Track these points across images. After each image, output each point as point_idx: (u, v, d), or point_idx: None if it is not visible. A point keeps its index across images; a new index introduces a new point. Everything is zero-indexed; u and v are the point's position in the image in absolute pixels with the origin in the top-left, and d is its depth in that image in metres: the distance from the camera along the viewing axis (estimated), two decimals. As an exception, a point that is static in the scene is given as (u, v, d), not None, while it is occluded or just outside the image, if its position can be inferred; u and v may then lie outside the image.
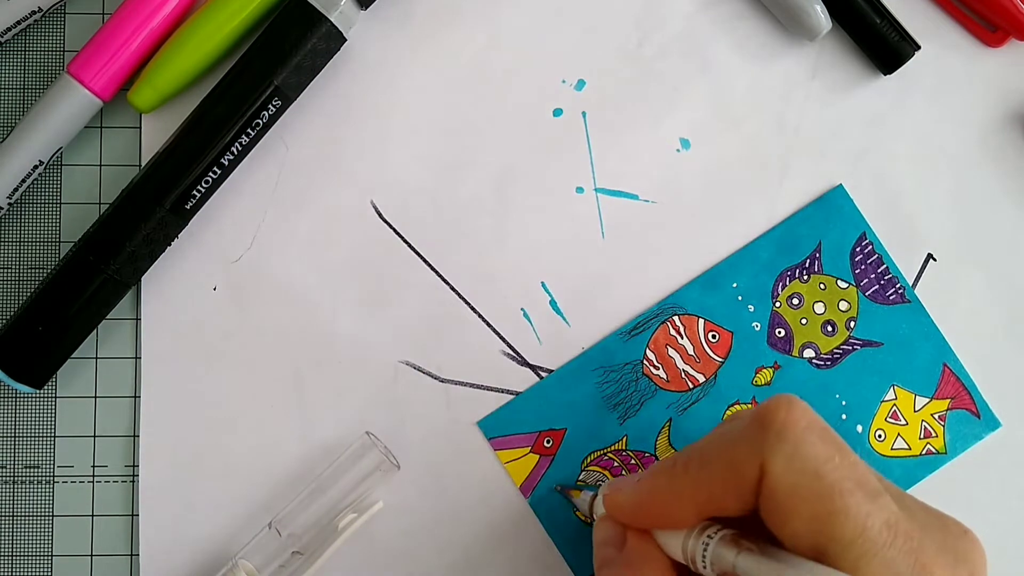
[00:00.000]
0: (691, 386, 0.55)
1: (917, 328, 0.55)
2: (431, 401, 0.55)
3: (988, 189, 0.56)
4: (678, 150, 0.56)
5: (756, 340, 0.55)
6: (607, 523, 0.47)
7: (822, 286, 0.55)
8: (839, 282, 0.56)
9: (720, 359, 0.55)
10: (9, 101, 0.55)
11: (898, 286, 0.56)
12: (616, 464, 0.55)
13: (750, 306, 0.55)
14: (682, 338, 0.55)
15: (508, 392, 0.55)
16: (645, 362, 0.55)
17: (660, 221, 0.55)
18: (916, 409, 0.55)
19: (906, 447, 0.55)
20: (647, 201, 0.55)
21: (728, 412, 0.55)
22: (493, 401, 0.55)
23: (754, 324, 0.55)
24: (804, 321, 0.55)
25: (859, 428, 0.55)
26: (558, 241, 0.55)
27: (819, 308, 0.55)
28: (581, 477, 0.55)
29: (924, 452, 0.56)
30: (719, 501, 0.41)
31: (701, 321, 0.55)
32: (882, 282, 0.55)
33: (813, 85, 0.56)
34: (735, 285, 0.55)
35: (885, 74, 0.55)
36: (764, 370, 0.55)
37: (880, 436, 0.55)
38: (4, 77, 0.55)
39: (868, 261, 0.55)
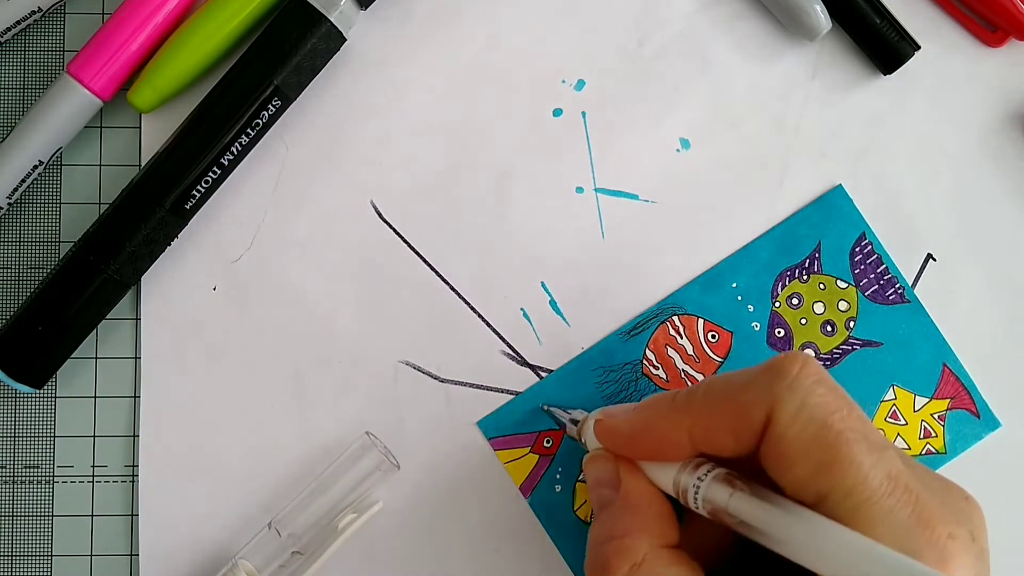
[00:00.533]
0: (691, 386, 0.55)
1: (917, 328, 0.55)
2: (431, 401, 0.55)
3: (988, 189, 0.56)
4: (678, 150, 0.56)
5: (756, 340, 0.55)
6: (599, 461, 0.47)
7: (822, 286, 0.55)
8: (839, 282, 0.56)
9: (720, 359, 0.55)
10: (9, 101, 0.55)
11: (897, 286, 0.56)
12: None
13: (750, 306, 0.55)
14: (682, 338, 0.55)
15: (508, 392, 0.55)
16: (645, 362, 0.55)
17: (660, 221, 0.55)
18: (916, 409, 0.55)
19: (906, 447, 0.55)
20: (647, 201, 0.55)
21: None
22: (493, 401, 0.55)
23: (754, 324, 0.55)
24: (804, 321, 0.55)
25: None
26: (558, 241, 0.55)
27: (819, 308, 0.55)
28: (581, 477, 0.55)
29: (924, 452, 0.56)
30: (717, 439, 0.42)
31: (701, 321, 0.55)
32: (881, 282, 0.55)
33: (813, 85, 0.56)
34: (735, 285, 0.55)
35: (885, 74, 0.55)
36: None
37: None
38: (4, 77, 0.55)
39: (868, 261, 0.55)
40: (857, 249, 0.55)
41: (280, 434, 0.55)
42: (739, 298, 0.55)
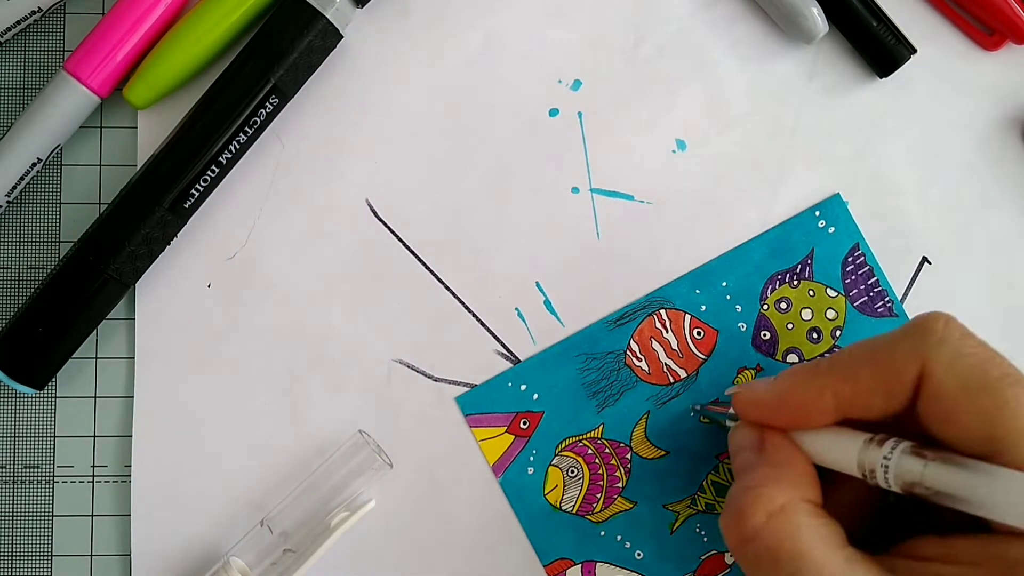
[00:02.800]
0: (672, 380, 0.55)
1: None
2: (424, 400, 0.55)
3: (984, 192, 0.56)
4: (674, 151, 0.56)
5: (741, 341, 0.55)
6: (742, 429, 0.47)
7: (811, 293, 0.55)
8: (828, 290, 0.55)
9: (703, 356, 0.55)
10: (9, 101, 0.55)
11: (887, 299, 0.55)
12: (590, 452, 0.55)
13: (738, 306, 0.55)
14: (667, 332, 0.55)
15: (502, 392, 0.55)
16: (628, 352, 0.55)
17: (655, 222, 0.55)
18: None
19: None
20: (642, 202, 0.55)
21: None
22: (487, 401, 0.55)
23: (740, 325, 0.55)
24: (790, 326, 0.55)
25: None
26: (553, 241, 0.55)
27: (806, 314, 0.55)
28: (554, 462, 0.55)
29: None
30: (865, 400, 0.42)
31: (687, 317, 0.55)
32: (871, 294, 0.55)
33: (810, 88, 0.56)
34: (724, 284, 0.55)
35: (881, 77, 0.55)
36: (746, 371, 0.55)
37: None
38: (4, 77, 0.55)
39: (859, 272, 0.55)
40: (850, 259, 0.55)
41: (273, 432, 0.55)
42: (728, 297, 0.55)
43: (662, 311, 0.55)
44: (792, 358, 0.55)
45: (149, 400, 0.55)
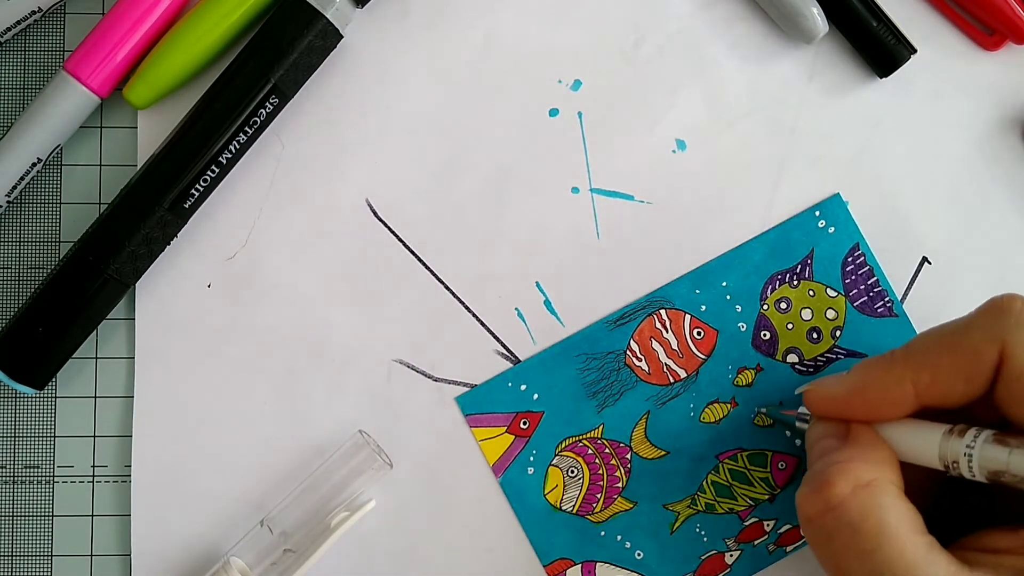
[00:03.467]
0: (672, 380, 0.55)
1: (902, 342, 0.55)
2: (424, 400, 0.55)
3: (984, 192, 0.56)
4: (674, 151, 0.56)
5: (741, 340, 0.55)
6: (823, 422, 0.47)
7: (811, 293, 0.55)
8: (828, 290, 0.55)
9: (703, 356, 0.55)
10: (9, 101, 0.55)
11: (887, 299, 0.55)
12: (590, 452, 0.55)
13: (738, 306, 0.55)
14: (667, 332, 0.55)
15: (502, 391, 0.55)
16: (628, 352, 0.55)
17: (655, 222, 0.55)
18: None
19: None
20: (642, 202, 0.55)
21: (706, 411, 0.55)
22: (487, 401, 0.55)
23: (740, 325, 0.55)
24: (790, 326, 0.55)
25: None
26: (553, 241, 0.55)
27: (806, 314, 0.55)
28: (554, 462, 0.55)
29: None
30: (945, 387, 0.42)
31: (687, 317, 0.55)
32: (871, 294, 0.55)
33: (809, 88, 0.56)
34: (725, 284, 0.55)
35: (881, 77, 0.55)
36: (746, 371, 0.55)
37: None
38: (4, 77, 0.55)
39: (859, 272, 0.55)
40: (850, 259, 0.55)
41: (273, 432, 0.55)
42: (728, 297, 0.55)
43: (662, 311, 0.55)
44: (792, 358, 0.55)
45: (149, 400, 0.55)
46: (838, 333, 0.55)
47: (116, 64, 0.52)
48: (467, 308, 0.55)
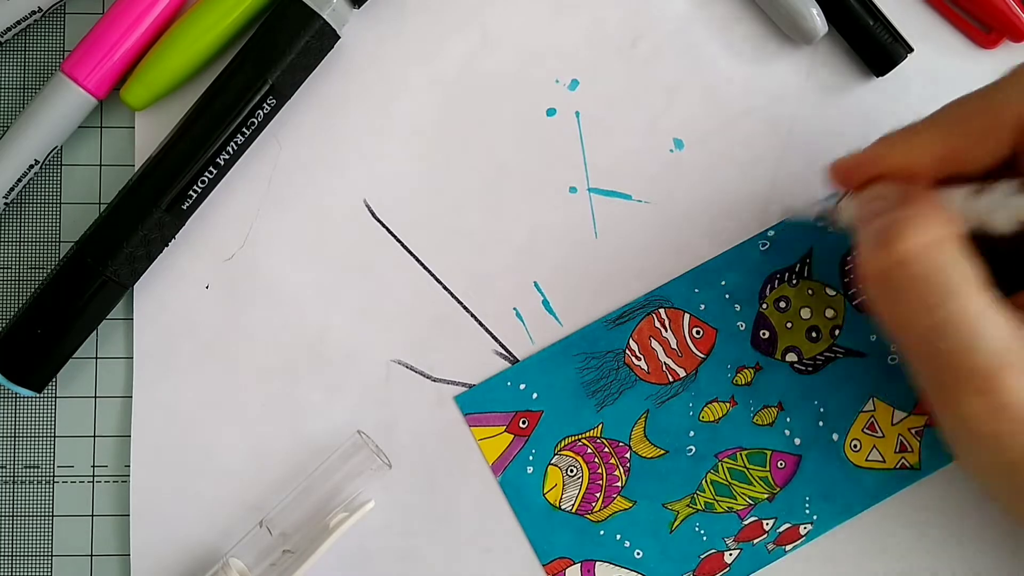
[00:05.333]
0: (671, 379, 0.55)
1: None
2: (423, 400, 0.55)
3: (983, 191, 0.56)
4: (672, 150, 0.55)
5: (740, 339, 0.55)
6: (871, 188, 0.46)
7: (810, 291, 0.55)
8: (827, 289, 0.55)
9: (702, 355, 0.55)
10: (9, 101, 0.55)
11: None
12: (590, 451, 0.55)
13: (737, 305, 0.55)
14: (666, 331, 0.55)
15: (500, 391, 0.55)
16: (627, 352, 0.55)
17: (653, 221, 0.55)
18: (894, 422, 0.55)
19: (880, 459, 0.55)
20: (640, 201, 0.55)
21: (705, 410, 0.55)
22: (485, 401, 0.55)
23: (739, 324, 0.55)
24: (789, 325, 0.55)
25: (834, 436, 0.55)
26: (551, 241, 0.55)
27: (805, 313, 0.55)
28: (553, 461, 0.55)
29: (898, 466, 0.55)
30: (968, 152, 0.42)
31: (686, 316, 0.55)
32: None
33: (807, 87, 0.56)
34: (723, 283, 0.55)
35: (878, 76, 0.55)
36: (745, 370, 0.55)
37: (856, 446, 0.55)
38: (4, 77, 0.55)
39: None
40: (849, 258, 0.55)
41: (272, 432, 0.55)
42: (727, 296, 0.55)
43: (661, 310, 0.55)
44: (791, 356, 0.55)
45: (148, 401, 0.55)
46: (837, 332, 0.55)
47: (113, 66, 0.52)
48: (465, 308, 0.55)
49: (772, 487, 0.55)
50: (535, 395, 0.55)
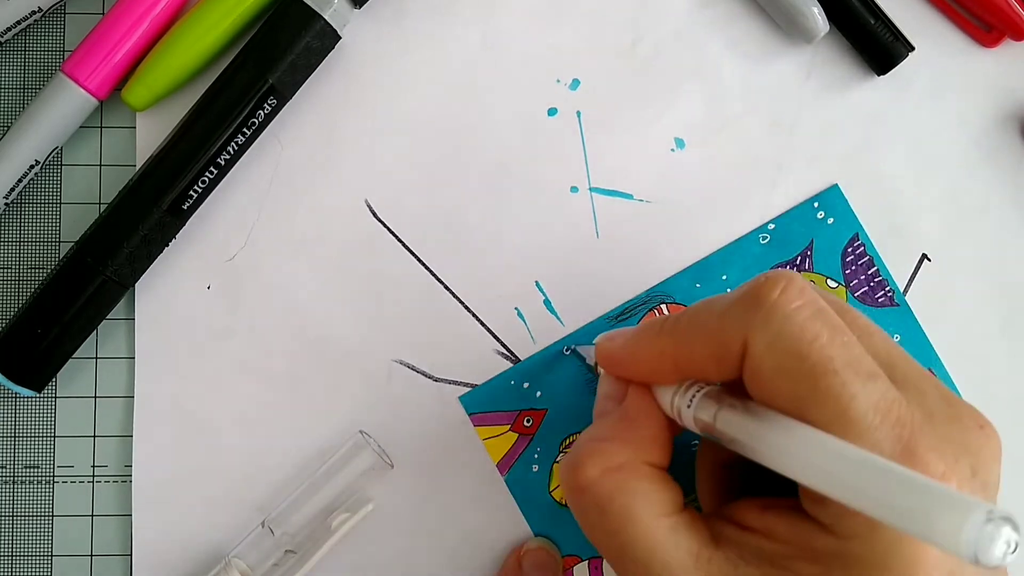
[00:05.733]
0: None
1: (904, 332, 0.55)
2: (425, 400, 0.55)
3: (983, 189, 0.56)
4: (673, 150, 0.56)
5: None
6: (609, 378, 0.47)
7: (811, 284, 0.55)
8: (829, 281, 0.55)
9: None
10: (9, 101, 0.55)
11: (887, 289, 0.55)
12: None
13: None
14: None
15: (502, 391, 0.55)
16: None
17: (655, 221, 0.55)
18: None
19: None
20: (642, 201, 0.55)
21: None
22: (487, 400, 0.55)
23: None
24: None
25: None
26: (552, 240, 0.55)
27: None
28: (559, 459, 0.55)
29: None
30: (700, 366, 0.41)
31: None
32: (872, 284, 0.55)
33: (808, 85, 0.56)
34: (724, 277, 0.55)
35: (879, 75, 0.55)
36: None
37: None
38: (4, 77, 0.55)
39: (859, 262, 0.55)
40: (849, 249, 0.55)
41: (273, 432, 0.55)
42: (728, 290, 0.55)
43: (663, 306, 0.55)
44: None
45: (149, 401, 0.55)
46: None
47: (114, 66, 0.52)
48: (467, 308, 0.55)
49: (772, 476, 0.55)
50: (539, 393, 0.55)
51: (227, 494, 0.55)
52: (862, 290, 0.55)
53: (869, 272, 0.55)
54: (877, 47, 0.54)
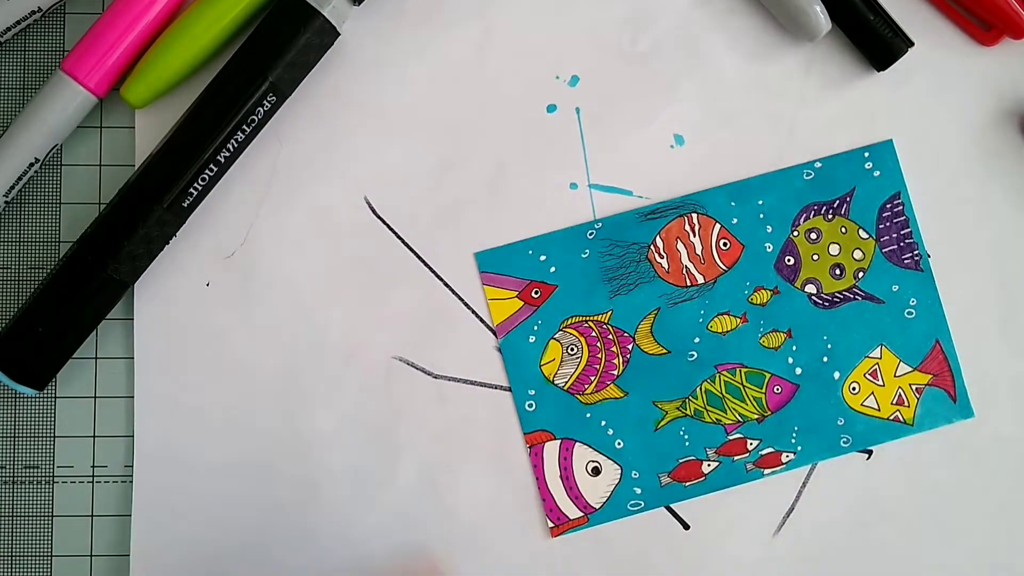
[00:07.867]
0: (688, 283, 0.56)
1: (922, 298, 0.56)
2: (424, 397, 0.55)
3: (982, 186, 0.56)
4: (672, 146, 0.56)
5: (764, 260, 0.56)
6: None
7: (843, 230, 0.56)
8: (860, 231, 0.56)
9: (724, 267, 0.56)
10: (9, 101, 0.55)
11: (916, 253, 0.56)
12: (594, 334, 0.55)
13: (769, 227, 0.56)
14: (694, 235, 0.55)
15: (501, 388, 0.55)
16: (652, 247, 0.55)
17: (654, 218, 0.56)
18: (897, 374, 0.56)
19: (875, 407, 0.56)
20: (641, 197, 0.55)
21: (715, 320, 0.56)
22: (486, 397, 0.55)
23: (767, 245, 0.56)
24: (816, 257, 0.56)
25: (836, 375, 0.56)
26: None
27: (834, 249, 0.56)
28: (556, 336, 0.55)
29: (891, 418, 0.56)
30: None
31: (717, 226, 0.55)
32: (901, 244, 0.56)
33: (807, 82, 0.56)
34: (761, 202, 0.56)
35: (879, 71, 0.55)
36: (763, 291, 0.56)
37: (855, 388, 0.56)
38: (4, 77, 0.55)
39: (895, 220, 0.56)
40: (888, 206, 0.56)
41: (273, 430, 0.55)
42: (761, 216, 0.55)
43: (694, 215, 0.55)
44: (810, 288, 0.55)
45: (149, 400, 0.55)
46: (861, 274, 0.56)
47: (113, 63, 0.52)
48: (466, 305, 0.55)
49: (764, 410, 0.55)
50: (553, 268, 0.55)
51: (226, 493, 0.55)
52: (891, 247, 0.56)
53: (902, 232, 0.56)
54: (877, 43, 0.54)
